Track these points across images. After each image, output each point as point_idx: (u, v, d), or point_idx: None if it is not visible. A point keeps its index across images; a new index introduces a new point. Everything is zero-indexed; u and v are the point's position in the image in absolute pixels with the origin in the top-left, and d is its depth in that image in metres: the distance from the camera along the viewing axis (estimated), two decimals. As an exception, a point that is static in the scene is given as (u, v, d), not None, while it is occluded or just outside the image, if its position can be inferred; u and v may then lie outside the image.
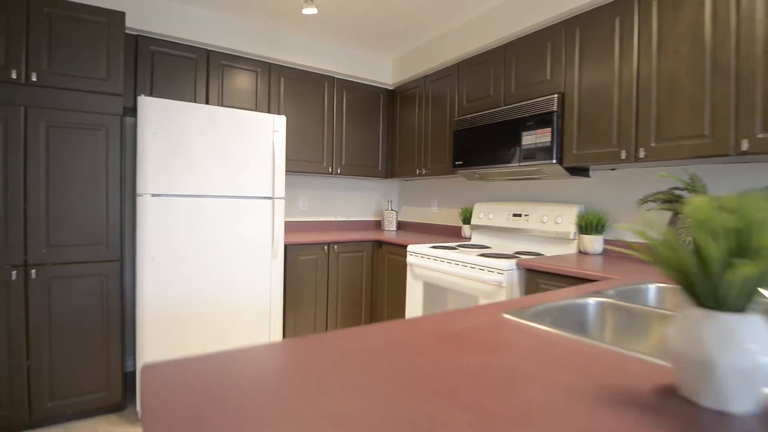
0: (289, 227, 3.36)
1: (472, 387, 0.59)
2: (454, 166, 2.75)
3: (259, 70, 2.88)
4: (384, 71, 3.47)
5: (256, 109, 2.87)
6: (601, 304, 1.16)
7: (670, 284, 1.41)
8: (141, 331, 2.18)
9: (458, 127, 2.73)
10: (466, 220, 3.01)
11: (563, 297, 1.17)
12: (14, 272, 2.00)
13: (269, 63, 2.91)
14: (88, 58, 2.12)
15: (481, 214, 2.83)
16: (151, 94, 2.52)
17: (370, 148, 3.40)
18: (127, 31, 2.48)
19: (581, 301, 1.16)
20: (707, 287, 0.55)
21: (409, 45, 3.22)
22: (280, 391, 0.56)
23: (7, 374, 2.00)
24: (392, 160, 3.48)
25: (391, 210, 3.62)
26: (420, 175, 3.15)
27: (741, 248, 0.52)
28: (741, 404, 0.53)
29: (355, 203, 3.68)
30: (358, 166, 3.34)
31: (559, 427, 0.49)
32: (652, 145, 1.81)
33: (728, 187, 1.85)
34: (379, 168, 3.46)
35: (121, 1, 2.43)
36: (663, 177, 1.84)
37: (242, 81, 2.82)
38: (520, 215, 2.60)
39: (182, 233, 2.25)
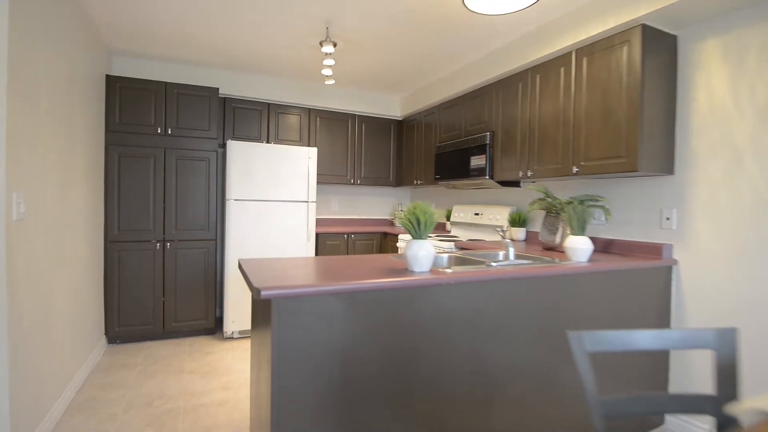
0: (324, 222, 4.61)
1: (353, 265, 1.75)
2: (435, 179, 3.84)
3: (302, 114, 4.17)
4: (394, 107, 4.63)
5: (299, 140, 4.16)
6: (449, 256, 2.24)
7: (519, 253, 2.44)
8: (226, 286, 3.53)
9: (438, 151, 3.82)
10: (448, 217, 4.07)
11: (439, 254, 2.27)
12: (158, 244, 3.43)
13: (309, 108, 4.20)
14: (198, 117, 3.52)
15: (456, 213, 3.89)
16: (233, 134, 3.89)
17: (382, 165, 4.57)
18: (219, 96, 3.87)
19: (444, 255, 2.25)
20: (410, 230, 1.66)
21: (411, 89, 4.35)
22: (299, 265, 1.76)
23: (152, 304, 3.42)
24: (399, 173, 4.62)
25: (400, 210, 4.76)
26: (416, 185, 4.27)
27: (414, 218, 1.64)
28: (418, 268, 1.65)
29: (373, 206, 4.87)
30: (374, 178, 4.52)
31: (361, 261, 1.64)
32: (535, 167, 2.81)
33: (569, 193, 2.80)
34: (390, 179, 4.62)
35: (216, 79, 3.84)
36: (534, 189, 2.80)
37: (290, 122, 4.12)
38: (478, 214, 3.63)
39: (251, 224, 3.57)
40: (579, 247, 2.09)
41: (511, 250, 1.94)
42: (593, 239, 2.70)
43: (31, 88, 1.91)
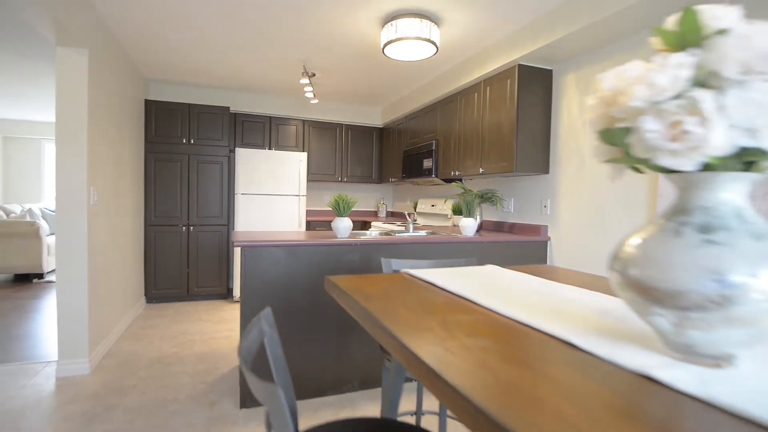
0: (318, 213, 5.58)
1: (305, 235, 2.70)
2: (402, 177, 4.73)
3: (298, 124, 5.14)
4: (375, 117, 5.54)
5: (296, 146, 5.13)
6: (379, 232, 3.16)
7: (426, 230, 3.32)
8: (235, 261, 4.54)
9: (404, 154, 4.71)
10: (415, 207, 4.96)
11: (380, 230, 3.18)
12: (183, 228, 4.48)
13: (303, 120, 5.16)
14: (214, 130, 4.54)
15: (419, 205, 4.78)
16: (242, 142, 4.90)
17: (366, 165, 5.49)
18: (230, 112, 4.88)
19: (375, 232, 3.16)
20: (335, 211, 2.59)
21: (387, 102, 5.25)
22: (267, 234, 2.72)
23: (179, 274, 4.48)
24: (381, 172, 5.53)
25: (383, 204, 5.68)
26: (392, 182, 5.17)
27: (336, 203, 2.56)
28: (340, 235, 2.57)
29: (360, 199, 5.80)
30: (359, 176, 5.45)
31: (314, 234, 2.59)
32: (461, 168, 3.67)
33: (479, 187, 3.63)
34: (373, 177, 5.54)
35: (227, 98, 4.86)
36: (456, 186, 3.65)
37: (288, 131, 5.10)
38: (434, 205, 4.51)
39: (255, 213, 4.57)
40: (466, 225, 2.96)
41: (411, 227, 2.83)
42: (502, 223, 3.55)
43: (98, 116, 2.94)
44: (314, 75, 4.06)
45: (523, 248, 3.07)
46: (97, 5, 2.76)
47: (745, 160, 0.64)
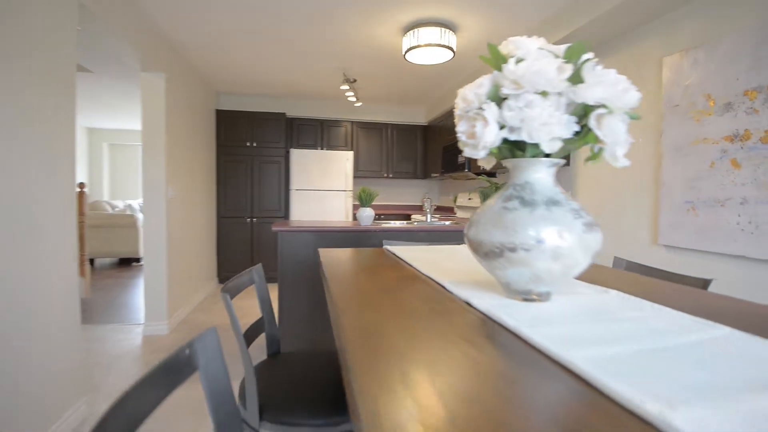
0: (368, 207, 6.00)
1: (336, 223, 3.12)
2: (441, 172, 4.98)
3: (346, 125, 5.60)
4: (419, 115, 5.83)
5: (345, 145, 5.60)
6: (407, 222, 3.47)
7: (450, 221, 3.57)
8: (291, 248, 5.12)
9: (443, 150, 4.96)
10: (455, 202, 5.19)
11: (397, 221, 3.51)
12: (248, 220, 5.15)
13: (351, 121, 5.61)
14: (272, 133, 5.15)
15: (459, 199, 5.00)
16: (298, 143, 5.47)
17: (410, 162, 5.80)
18: (286, 117, 5.47)
19: (402, 222, 3.48)
20: (360, 202, 2.96)
21: (429, 101, 5.51)
22: (304, 222, 3.19)
23: (245, 258, 5.15)
24: (425, 168, 5.81)
25: (427, 198, 5.94)
26: (434, 177, 5.44)
27: (360, 195, 2.93)
28: (363, 223, 2.94)
29: (404, 194, 6.13)
30: (403, 173, 5.79)
31: (342, 222, 3.00)
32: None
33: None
34: (417, 173, 5.83)
35: (284, 105, 5.45)
36: (483, 179, 3.80)
37: (338, 133, 5.59)
38: (470, 198, 4.71)
39: (307, 207, 5.11)
40: (484, 215, 3.18)
41: (429, 216, 3.12)
42: (527, 214, 3.68)
43: (175, 127, 3.60)
44: (355, 81, 4.47)
45: (542, 237, 3.21)
46: (173, 36, 3.40)
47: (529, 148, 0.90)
